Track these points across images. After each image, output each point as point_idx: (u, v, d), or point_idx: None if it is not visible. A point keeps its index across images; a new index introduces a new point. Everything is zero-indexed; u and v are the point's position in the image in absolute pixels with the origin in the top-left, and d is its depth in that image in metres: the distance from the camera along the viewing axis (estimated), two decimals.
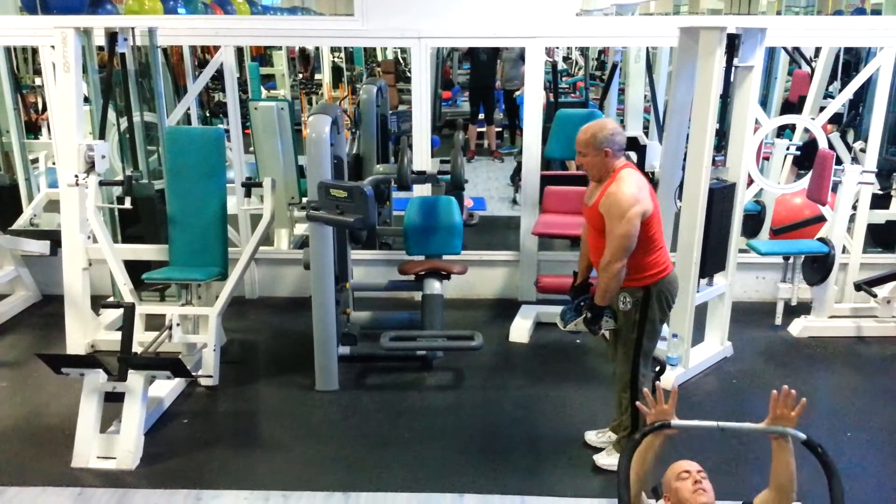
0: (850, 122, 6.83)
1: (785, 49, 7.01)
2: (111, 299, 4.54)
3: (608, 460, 3.29)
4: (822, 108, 5.34)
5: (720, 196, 3.91)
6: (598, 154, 2.98)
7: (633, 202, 2.87)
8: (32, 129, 7.46)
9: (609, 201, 2.92)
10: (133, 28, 4.48)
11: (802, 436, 2.09)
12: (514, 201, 7.43)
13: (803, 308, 4.77)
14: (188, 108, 5.39)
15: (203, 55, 8.87)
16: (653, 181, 4.43)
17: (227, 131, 5.05)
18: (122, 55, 4.44)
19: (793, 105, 7.10)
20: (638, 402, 2.32)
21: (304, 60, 12.70)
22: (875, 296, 4.63)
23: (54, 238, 4.77)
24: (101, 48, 4.56)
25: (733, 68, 3.82)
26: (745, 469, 3.30)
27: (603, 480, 3.24)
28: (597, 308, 3.07)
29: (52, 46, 4.34)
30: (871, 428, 3.69)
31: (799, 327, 4.70)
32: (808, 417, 3.79)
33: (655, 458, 2.24)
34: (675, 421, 2.21)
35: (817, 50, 6.29)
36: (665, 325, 4.05)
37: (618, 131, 3.01)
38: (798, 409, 2.10)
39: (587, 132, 3.01)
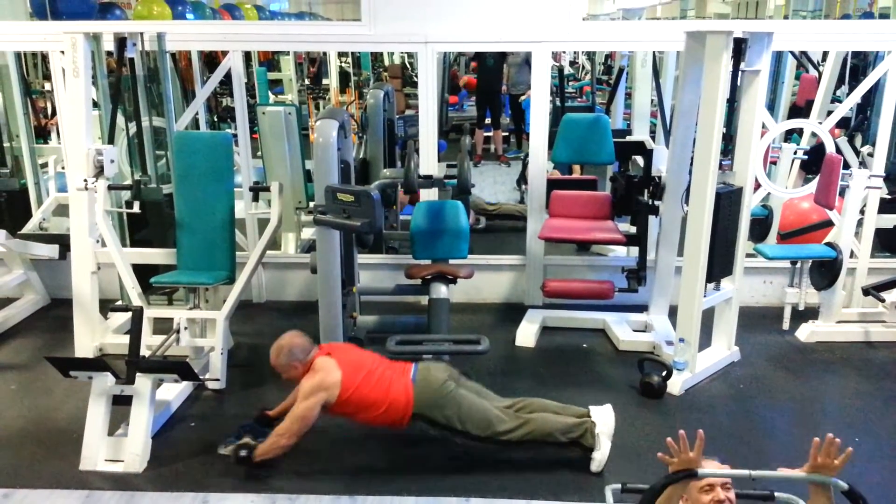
0: (858, 126, 6.80)
1: (792, 53, 7.00)
2: (119, 303, 4.56)
3: (595, 464, 3.29)
4: (829, 113, 5.33)
5: (727, 200, 3.90)
6: (291, 368, 3.34)
7: (316, 389, 3.22)
8: (42, 133, 7.51)
9: (301, 387, 3.28)
10: (142, 33, 4.51)
11: (844, 486, 2.00)
12: (521, 201, 7.42)
13: (811, 313, 4.76)
14: (196, 113, 5.43)
15: (212, 57, 8.91)
16: (659, 185, 4.44)
17: (234, 136, 5.08)
18: (131, 60, 4.47)
19: (800, 109, 7.09)
20: (660, 454, 2.16)
21: (311, 61, 12.75)
22: (883, 300, 4.60)
23: (63, 242, 4.80)
24: (110, 53, 4.59)
25: (740, 72, 3.81)
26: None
27: (606, 485, 3.22)
28: (255, 460, 3.28)
29: (62, 52, 4.38)
30: (879, 433, 3.67)
31: (807, 332, 4.69)
32: (815, 423, 3.80)
33: (679, 501, 2.14)
34: (703, 470, 2.07)
35: (825, 54, 6.28)
36: (672, 329, 4.07)
37: (291, 344, 3.35)
38: (843, 459, 2.00)
39: (273, 353, 3.37)
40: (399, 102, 10.68)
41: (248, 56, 10.74)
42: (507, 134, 10.41)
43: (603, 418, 3.33)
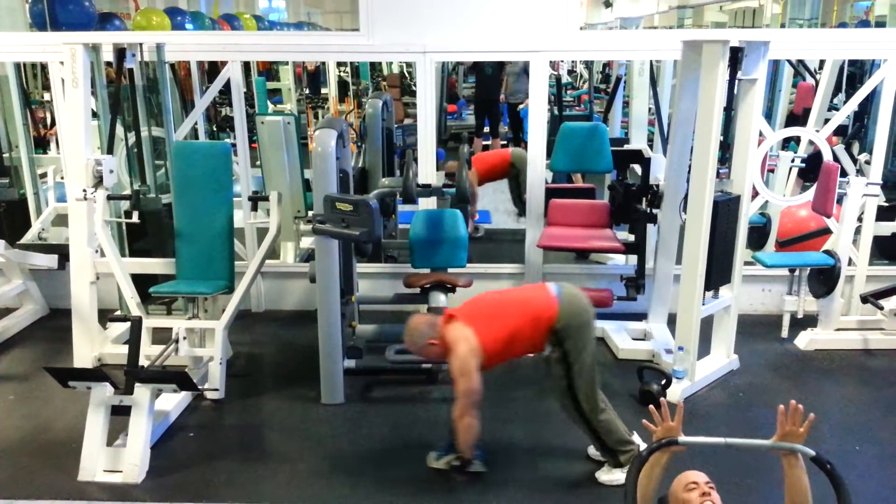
0: (855, 134, 6.84)
1: (789, 61, 7.03)
2: (118, 313, 4.56)
3: (608, 476, 3.29)
4: (826, 121, 5.34)
5: (725, 208, 3.91)
6: (429, 348, 3.23)
7: (463, 360, 3.09)
8: (41, 144, 7.53)
9: (451, 367, 3.15)
10: (141, 44, 4.52)
11: (811, 452, 2.07)
12: (520, 214, 7.44)
13: (810, 321, 4.76)
14: (195, 123, 5.45)
15: (213, 67, 8.94)
16: (657, 194, 4.45)
17: (233, 145, 5.09)
18: (131, 70, 4.49)
19: (797, 117, 7.12)
20: (644, 421, 2.28)
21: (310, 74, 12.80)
22: (882, 308, 4.61)
23: (62, 252, 4.81)
24: (109, 64, 4.61)
25: (737, 81, 3.83)
26: (754, 481, 3.29)
27: (604, 495, 3.22)
28: (465, 459, 3.26)
29: (61, 62, 4.39)
30: (879, 441, 3.67)
31: (805, 340, 4.69)
32: (816, 431, 3.78)
33: (662, 474, 2.22)
34: (683, 438, 2.18)
35: (822, 62, 6.31)
36: (671, 338, 4.07)
37: (419, 324, 3.26)
38: (806, 425, 2.08)
39: (407, 340, 3.29)
40: (398, 112, 10.71)
41: (247, 66, 10.79)
42: (505, 143, 10.44)
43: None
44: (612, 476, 3.27)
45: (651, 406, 2.26)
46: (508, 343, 3.17)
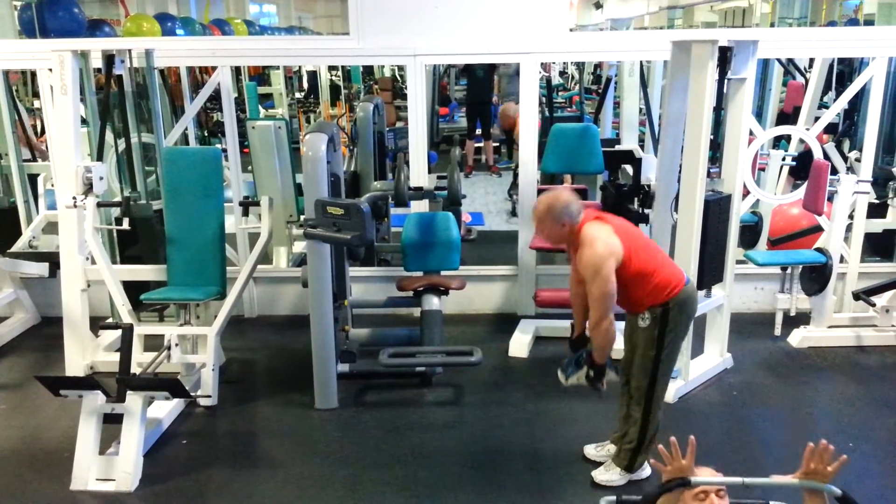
0: (845, 131, 6.86)
1: (779, 60, 7.05)
2: (110, 320, 4.55)
3: (606, 476, 3.28)
4: (816, 119, 5.36)
5: (716, 207, 3.92)
6: (558, 226, 3.02)
7: (603, 259, 2.90)
8: (31, 151, 7.47)
9: (582, 264, 2.96)
10: (130, 50, 4.51)
11: (838, 491, 1.95)
12: (512, 215, 7.44)
13: (802, 318, 4.77)
14: (186, 129, 5.43)
15: (201, 76, 8.92)
16: (649, 194, 4.46)
17: (224, 151, 5.08)
18: (120, 77, 4.47)
19: (788, 116, 7.14)
20: (653, 461, 2.18)
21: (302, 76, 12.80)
22: (874, 305, 4.62)
23: (53, 260, 4.78)
24: (98, 70, 4.59)
25: (726, 80, 3.84)
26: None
27: (601, 496, 3.20)
28: (597, 366, 3.11)
29: (50, 69, 4.37)
30: (872, 438, 3.67)
31: (798, 338, 4.70)
32: (809, 428, 3.81)
33: None
34: (696, 478, 2.03)
35: (811, 60, 6.32)
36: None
37: (568, 200, 3.01)
38: (836, 466, 1.96)
39: (538, 211, 3.05)
40: (389, 115, 10.72)
41: (238, 71, 10.77)
42: (497, 144, 10.45)
43: (647, 467, 3.29)
44: (611, 476, 3.26)
45: (660, 447, 2.07)
46: (639, 277, 2.99)
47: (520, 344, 4.66)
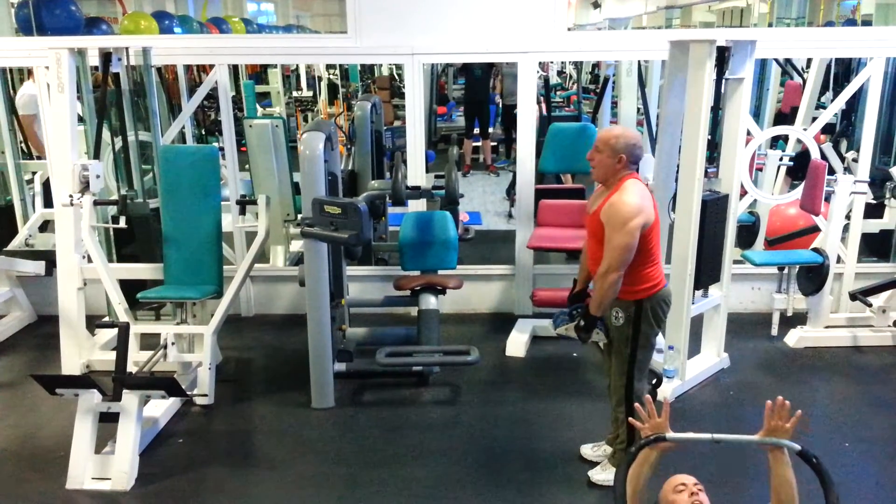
0: (843, 131, 6.87)
1: (777, 60, 7.05)
2: (106, 319, 4.53)
3: (602, 476, 3.28)
4: (814, 119, 5.37)
5: (713, 207, 3.92)
6: (613, 157, 2.95)
7: (636, 213, 2.87)
8: (28, 149, 7.46)
9: (611, 210, 2.91)
10: (127, 48, 4.49)
11: (797, 447, 2.06)
12: (510, 215, 7.44)
13: (799, 318, 4.78)
14: (183, 127, 5.41)
15: (199, 75, 8.90)
16: None
17: (222, 149, 5.06)
18: (117, 75, 4.46)
19: (785, 116, 7.14)
20: (631, 419, 2.31)
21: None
22: (870, 305, 4.63)
23: (49, 258, 4.77)
24: (95, 68, 4.58)
25: (724, 80, 3.84)
26: (742, 479, 3.29)
27: (598, 496, 3.22)
28: (590, 318, 3.07)
29: (47, 67, 4.36)
30: (868, 437, 3.68)
31: (795, 338, 4.70)
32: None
33: (651, 472, 2.22)
34: (670, 434, 2.19)
35: (809, 61, 6.32)
36: (661, 337, 4.08)
37: (640, 145, 3.01)
38: (793, 421, 2.08)
39: (612, 132, 3.00)
40: (387, 114, 10.69)
41: (236, 69, 10.75)
42: (495, 143, 10.44)
43: None
44: (606, 476, 3.26)
45: (636, 404, 2.28)
46: (643, 259, 2.97)
47: (517, 343, 4.66)
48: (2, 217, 5.47)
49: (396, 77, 13.38)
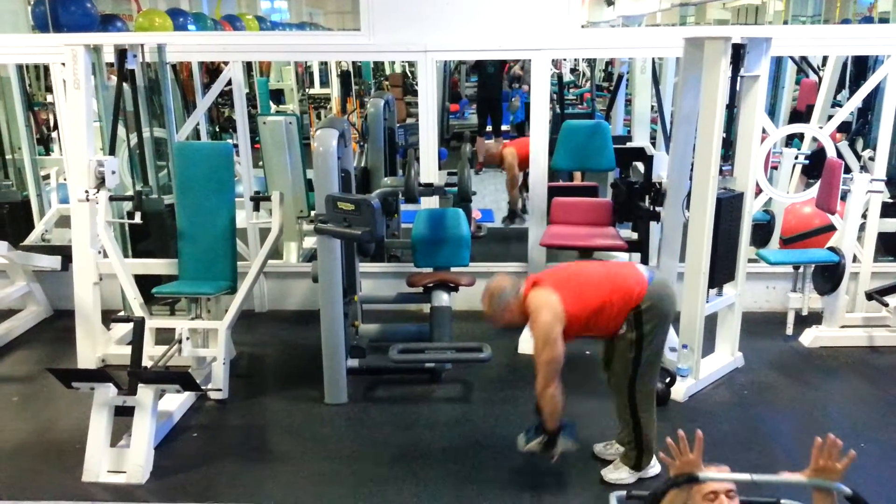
0: (859, 130, 6.80)
1: (792, 58, 7.00)
2: (121, 313, 4.56)
3: (615, 475, 3.27)
4: (830, 117, 5.32)
5: (728, 206, 3.90)
6: (505, 313, 3.12)
7: (549, 327, 2.97)
8: (43, 142, 7.53)
9: (533, 335, 3.05)
10: (142, 45, 4.52)
11: (848, 490, 1.92)
12: (523, 211, 7.43)
13: (814, 318, 4.74)
14: (197, 124, 5.44)
15: (213, 73, 8.96)
16: (660, 191, 4.44)
17: (236, 146, 5.09)
18: (132, 71, 4.49)
19: (801, 114, 7.09)
20: (661, 454, 2.16)
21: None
22: (887, 305, 4.59)
23: (65, 253, 4.81)
24: (111, 65, 4.61)
25: (739, 78, 3.81)
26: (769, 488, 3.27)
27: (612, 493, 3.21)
28: (550, 433, 3.11)
29: (63, 64, 4.39)
30: (884, 439, 3.65)
31: (810, 337, 4.67)
32: (820, 429, 3.78)
33: None
34: (703, 473, 2.02)
35: (825, 58, 6.27)
36: (675, 336, 4.07)
37: (503, 286, 3.11)
38: (845, 462, 1.93)
39: (484, 306, 3.16)
40: (400, 111, 10.71)
41: (249, 67, 10.80)
42: (507, 141, 10.42)
43: (655, 463, 3.29)
44: (620, 475, 3.26)
45: (669, 440, 2.07)
46: (595, 315, 3.05)
47: (529, 341, 4.65)
48: (19, 212, 5.52)
49: (409, 74, 13.39)
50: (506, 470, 3.40)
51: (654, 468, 3.28)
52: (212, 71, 8.72)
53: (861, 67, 7.22)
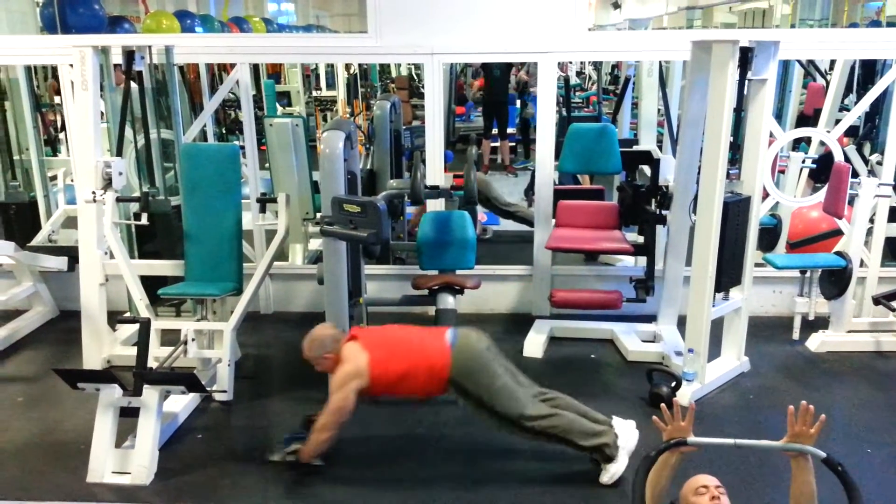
0: (867, 134, 6.78)
1: (799, 62, 6.98)
2: (127, 315, 4.57)
3: (608, 474, 3.24)
4: (837, 121, 5.30)
5: (735, 210, 3.88)
6: (325, 361, 3.33)
7: (347, 378, 3.22)
8: (49, 143, 7.56)
9: (332, 380, 3.29)
10: (150, 46, 4.54)
11: (822, 454, 2.04)
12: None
13: (821, 322, 4.73)
14: (204, 125, 5.45)
15: (220, 75, 8.97)
16: (667, 195, 4.43)
17: (242, 147, 5.10)
18: (140, 73, 4.50)
19: (808, 118, 7.07)
20: (654, 418, 2.29)
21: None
22: (894, 310, 4.57)
23: (72, 254, 4.83)
24: (118, 66, 4.62)
25: (747, 81, 3.81)
26: (762, 485, 3.26)
27: (616, 494, 3.20)
28: (303, 461, 3.33)
29: (71, 65, 4.41)
30: (890, 443, 3.63)
31: (817, 342, 4.65)
32: (827, 433, 3.76)
33: (671, 475, 2.21)
34: (692, 438, 2.17)
35: (832, 62, 6.25)
36: (682, 340, 4.05)
37: (322, 336, 3.36)
38: (817, 427, 2.05)
39: (305, 355, 3.38)
40: (406, 113, 10.71)
41: (256, 69, 10.82)
42: (513, 144, 10.42)
43: (626, 433, 3.29)
44: (610, 473, 3.24)
45: (662, 405, 2.26)
46: (400, 380, 3.26)
47: (535, 344, 4.65)
48: (26, 213, 5.54)
49: (415, 77, 13.39)
50: (510, 472, 3.39)
51: (630, 441, 3.28)
52: (214, 75, 8.74)
53: (869, 71, 7.19)
